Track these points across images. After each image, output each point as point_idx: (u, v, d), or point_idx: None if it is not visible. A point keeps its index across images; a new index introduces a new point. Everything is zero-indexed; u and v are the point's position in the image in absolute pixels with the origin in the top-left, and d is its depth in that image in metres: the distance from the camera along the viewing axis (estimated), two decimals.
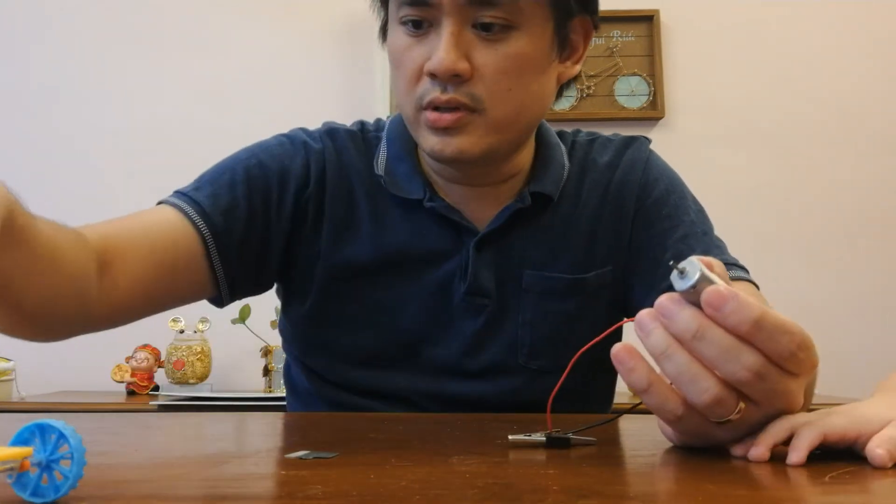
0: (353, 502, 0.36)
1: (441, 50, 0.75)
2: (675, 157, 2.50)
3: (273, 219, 0.86)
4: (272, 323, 1.92)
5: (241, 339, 2.12)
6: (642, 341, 0.50)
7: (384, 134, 0.92)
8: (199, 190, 0.84)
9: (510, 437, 0.55)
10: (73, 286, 0.68)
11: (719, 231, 0.93)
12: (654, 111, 2.34)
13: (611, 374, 0.96)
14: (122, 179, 2.35)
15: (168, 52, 2.39)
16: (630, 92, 2.37)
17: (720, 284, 0.47)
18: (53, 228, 0.66)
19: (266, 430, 0.66)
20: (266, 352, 2.09)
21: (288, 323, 0.93)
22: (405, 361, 0.87)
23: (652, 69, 2.37)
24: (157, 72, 2.38)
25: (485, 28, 0.76)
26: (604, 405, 0.97)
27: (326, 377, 0.89)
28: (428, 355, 0.87)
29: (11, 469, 0.36)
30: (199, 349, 2.03)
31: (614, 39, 2.40)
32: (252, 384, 2.17)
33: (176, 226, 0.80)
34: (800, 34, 2.39)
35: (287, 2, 2.40)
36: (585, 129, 0.99)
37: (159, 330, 2.09)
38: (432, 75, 0.77)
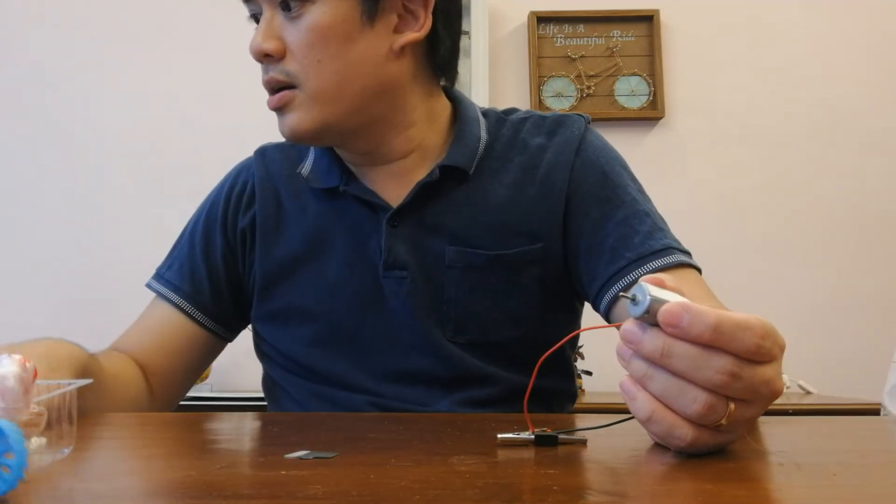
0: (353, 502, 0.36)
1: (256, 34, 0.84)
2: (675, 157, 2.50)
3: (228, 257, 0.97)
4: None
5: (241, 339, 2.12)
6: (626, 369, 0.51)
7: None
8: (170, 268, 0.98)
9: (499, 435, 0.55)
10: (133, 404, 0.88)
11: (719, 232, 0.93)
12: (654, 111, 2.34)
13: (566, 374, 0.98)
14: (122, 179, 2.35)
15: (168, 52, 2.39)
16: (630, 92, 2.37)
17: (671, 301, 0.48)
18: (115, 366, 0.86)
19: (266, 430, 0.66)
20: None
21: (252, 331, 1.00)
22: (349, 342, 0.90)
23: (652, 69, 2.37)
24: (157, 71, 2.39)
25: (286, 8, 0.83)
26: (564, 402, 0.97)
27: (285, 368, 0.94)
28: (368, 335, 0.90)
29: None
30: None
31: (614, 39, 2.40)
32: (252, 384, 2.16)
33: (169, 316, 0.95)
34: (800, 34, 2.40)
35: None
36: (516, 108, 0.99)
37: None
38: (257, 60, 0.85)
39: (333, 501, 0.36)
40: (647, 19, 2.39)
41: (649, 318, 0.48)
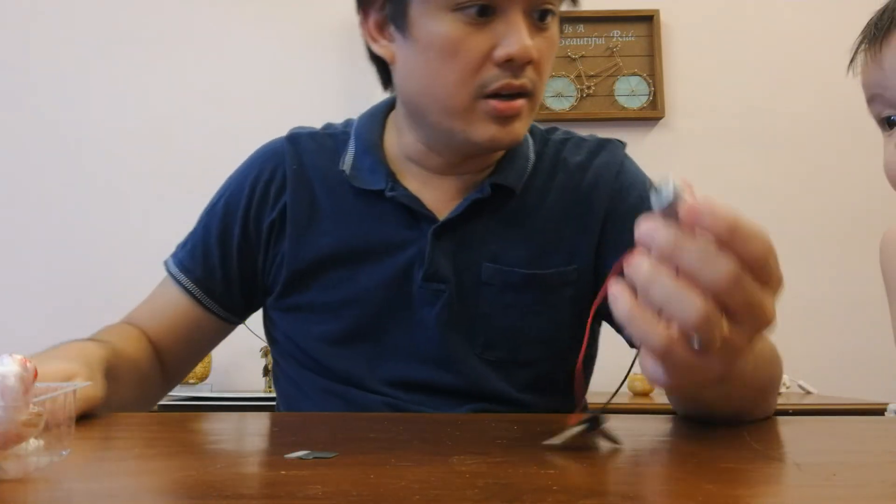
0: (353, 502, 0.36)
1: (522, 36, 0.77)
2: (675, 158, 2.50)
3: (244, 249, 0.94)
4: None
5: (241, 339, 2.11)
6: (632, 277, 0.50)
7: (352, 131, 0.94)
8: (184, 248, 0.96)
9: (545, 442, 0.53)
10: (151, 386, 0.92)
11: None
12: (654, 111, 2.34)
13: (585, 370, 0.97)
14: (122, 179, 2.35)
15: (168, 53, 2.39)
16: (630, 92, 2.37)
17: (694, 199, 0.49)
18: (136, 352, 0.87)
19: (266, 430, 0.66)
20: (266, 352, 2.09)
21: (263, 313, 0.98)
22: (370, 345, 0.89)
23: (652, 69, 2.37)
24: (157, 72, 2.39)
25: (542, 16, 0.80)
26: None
27: (300, 362, 0.93)
28: (391, 341, 0.88)
29: None
30: None
31: (614, 39, 2.40)
32: (252, 384, 2.17)
33: (178, 298, 0.94)
34: (800, 34, 2.40)
35: (288, 2, 2.40)
36: (585, 129, 1.00)
37: None
38: (507, 61, 0.78)
39: (333, 501, 0.36)
40: (647, 19, 2.39)
41: (670, 211, 0.48)
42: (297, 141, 0.95)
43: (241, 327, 1.07)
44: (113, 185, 2.34)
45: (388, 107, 0.96)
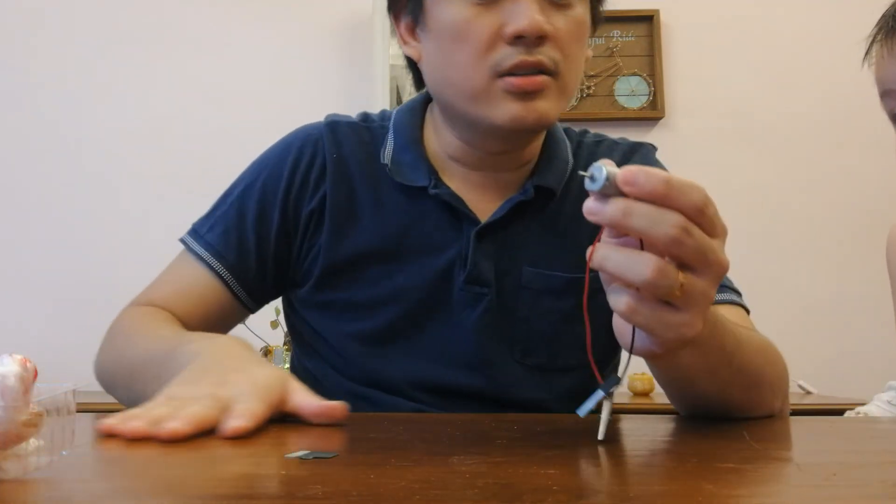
0: (353, 502, 0.36)
1: (530, 10, 0.77)
2: (675, 157, 2.51)
3: (282, 235, 0.90)
4: (272, 323, 1.92)
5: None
6: (593, 263, 0.53)
7: (391, 125, 0.93)
8: (212, 229, 0.91)
9: (579, 411, 0.54)
10: None
11: None
12: (654, 111, 2.34)
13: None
14: (122, 179, 2.35)
15: (168, 53, 2.39)
16: (630, 92, 2.37)
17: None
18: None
19: (266, 430, 0.66)
20: (266, 352, 2.08)
21: (288, 306, 0.96)
22: (403, 346, 0.87)
23: (652, 69, 2.37)
24: (157, 72, 2.39)
25: None
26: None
27: (326, 360, 0.90)
28: (426, 343, 0.87)
29: None
30: None
31: (614, 39, 2.40)
32: None
33: (206, 282, 0.90)
34: (800, 33, 2.40)
35: (288, 2, 2.40)
36: (587, 129, 0.99)
37: None
38: (518, 37, 0.77)
39: (333, 501, 0.36)
40: (647, 19, 2.39)
41: (608, 189, 0.50)
42: (336, 128, 0.92)
43: (241, 328, 1.07)
44: (113, 185, 2.34)
45: (423, 101, 0.95)
